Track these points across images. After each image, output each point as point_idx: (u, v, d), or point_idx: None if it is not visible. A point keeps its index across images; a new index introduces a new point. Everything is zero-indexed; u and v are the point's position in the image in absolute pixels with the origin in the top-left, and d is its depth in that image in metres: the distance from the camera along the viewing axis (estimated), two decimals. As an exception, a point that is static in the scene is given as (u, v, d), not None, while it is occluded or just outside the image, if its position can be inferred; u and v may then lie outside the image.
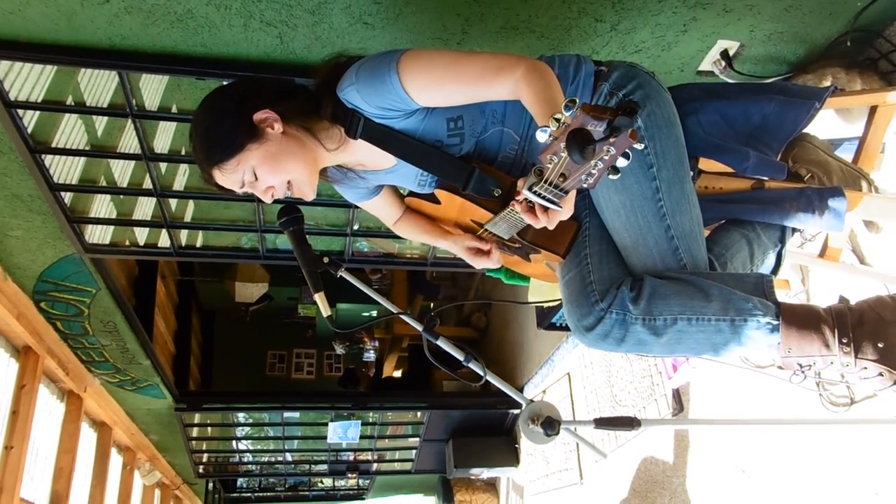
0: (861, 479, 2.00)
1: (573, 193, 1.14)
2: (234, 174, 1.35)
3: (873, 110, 1.73)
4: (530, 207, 1.14)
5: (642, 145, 0.89)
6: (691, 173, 1.44)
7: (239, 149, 1.33)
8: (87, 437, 4.33)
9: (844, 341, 1.26)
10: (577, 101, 0.86)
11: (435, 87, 1.30)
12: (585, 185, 0.97)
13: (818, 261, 1.90)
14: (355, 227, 3.00)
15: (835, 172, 1.62)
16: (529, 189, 1.06)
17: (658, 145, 1.36)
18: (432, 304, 6.95)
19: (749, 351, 1.32)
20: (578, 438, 1.43)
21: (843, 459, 2.08)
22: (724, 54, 2.11)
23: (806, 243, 2.00)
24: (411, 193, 1.65)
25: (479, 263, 1.70)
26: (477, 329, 6.59)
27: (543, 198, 1.06)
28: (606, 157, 0.89)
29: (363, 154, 1.47)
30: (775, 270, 1.59)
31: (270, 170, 1.36)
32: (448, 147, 1.41)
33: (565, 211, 1.12)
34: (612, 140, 0.86)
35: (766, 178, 1.56)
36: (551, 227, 1.17)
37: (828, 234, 1.86)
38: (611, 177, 0.92)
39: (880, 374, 1.24)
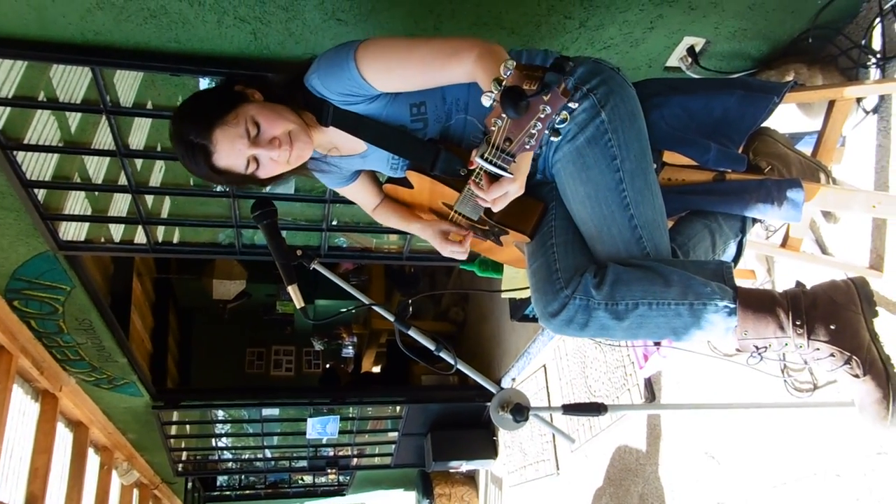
0: (823, 462, 2.07)
1: (524, 163, 1.18)
2: (236, 128, 1.35)
3: (831, 105, 1.80)
4: (490, 179, 1.18)
5: (575, 105, 0.96)
6: (654, 165, 1.48)
7: (234, 103, 1.37)
8: (63, 437, 4.30)
9: (798, 323, 1.31)
10: (514, 62, 0.91)
11: (390, 71, 1.34)
12: (527, 147, 1.02)
13: (780, 251, 1.96)
14: (332, 223, 3.02)
15: (794, 165, 1.68)
16: (481, 157, 1.10)
17: (621, 138, 1.40)
18: (410, 300, 6.97)
19: (708, 334, 1.36)
20: (547, 424, 1.47)
21: (807, 443, 2.15)
22: (691, 50, 2.16)
23: (770, 234, 2.06)
24: (389, 180, 1.69)
25: (447, 249, 1.72)
26: (455, 323, 6.63)
27: (494, 164, 1.10)
28: (543, 116, 0.94)
29: (336, 138, 1.51)
30: (736, 259, 1.64)
31: (269, 116, 1.38)
32: (413, 131, 1.46)
33: (517, 178, 1.16)
34: (545, 98, 0.91)
35: (727, 170, 1.61)
36: (504, 201, 1.21)
37: (789, 224, 1.92)
38: (553, 139, 0.98)
39: (832, 355, 1.30)
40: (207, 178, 1.42)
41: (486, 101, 0.95)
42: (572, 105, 0.93)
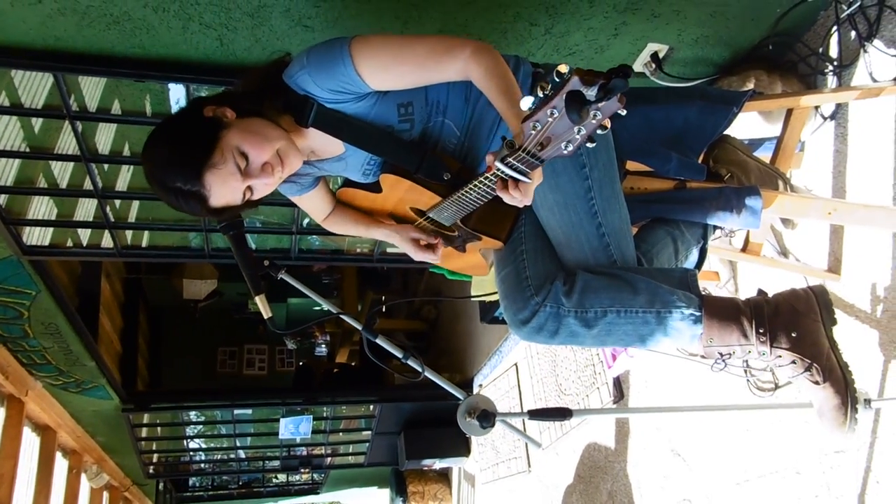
0: (784, 459, 2.13)
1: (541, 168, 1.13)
2: (225, 166, 1.26)
3: (789, 113, 1.84)
4: (504, 183, 1.15)
5: (625, 111, 0.90)
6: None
7: (215, 139, 1.27)
8: (30, 442, 4.22)
9: (761, 331, 1.35)
10: (568, 66, 0.87)
11: (386, 68, 1.31)
12: (565, 152, 0.97)
13: (741, 255, 2.01)
14: (303, 224, 3.01)
15: (753, 172, 1.72)
16: (502, 161, 1.06)
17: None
18: (383, 297, 6.98)
19: (674, 342, 1.39)
20: (514, 429, 1.49)
21: (769, 442, 2.21)
22: (655, 57, 2.20)
23: (731, 238, 2.10)
24: (347, 184, 1.66)
25: (420, 255, 1.71)
26: (427, 321, 6.65)
27: (516, 169, 1.07)
28: (593, 122, 0.90)
29: (315, 141, 1.46)
30: (699, 265, 1.68)
31: (255, 142, 1.29)
32: (399, 132, 1.42)
33: (535, 182, 1.13)
34: (600, 104, 0.87)
35: (687, 179, 1.64)
36: (527, 202, 1.17)
37: (749, 230, 1.96)
38: (589, 145, 0.93)
39: (793, 362, 1.33)
40: (202, 216, 1.35)
41: (527, 104, 0.92)
42: (622, 112, 0.88)
